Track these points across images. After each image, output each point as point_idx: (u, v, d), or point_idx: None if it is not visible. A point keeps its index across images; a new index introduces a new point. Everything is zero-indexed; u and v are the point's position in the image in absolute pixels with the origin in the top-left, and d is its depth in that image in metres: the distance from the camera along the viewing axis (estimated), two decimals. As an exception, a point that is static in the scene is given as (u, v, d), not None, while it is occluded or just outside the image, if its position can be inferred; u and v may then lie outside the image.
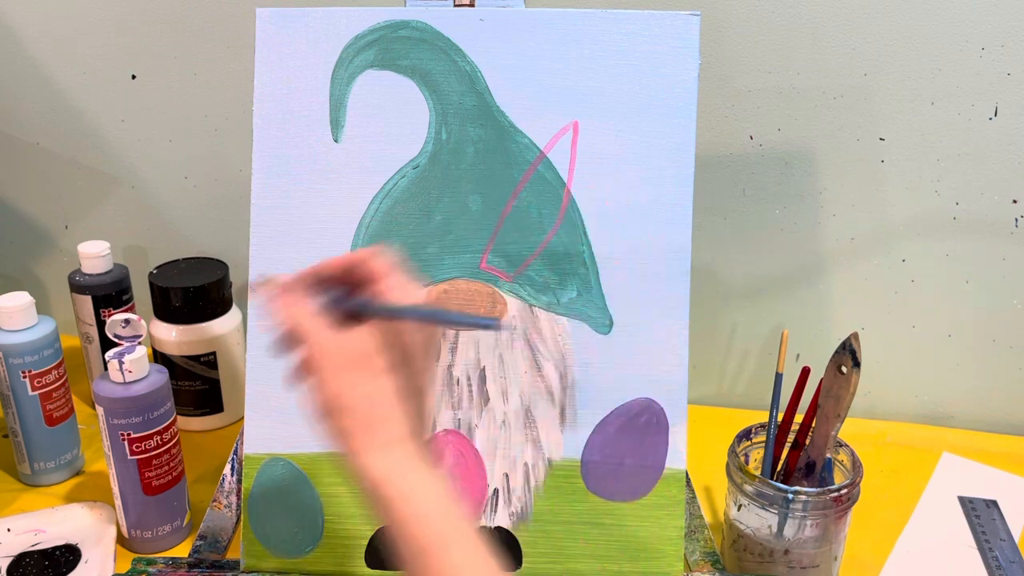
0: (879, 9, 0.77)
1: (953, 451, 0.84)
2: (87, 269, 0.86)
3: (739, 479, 0.64)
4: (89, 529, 0.72)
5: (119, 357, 0.67)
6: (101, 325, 0.86)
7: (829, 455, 0.64)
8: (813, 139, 0.82)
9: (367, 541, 0.64)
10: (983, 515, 0.75)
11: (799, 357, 0.89)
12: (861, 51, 0.79)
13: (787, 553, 0.63)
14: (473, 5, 0.65)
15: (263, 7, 0.65)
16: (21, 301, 0.74)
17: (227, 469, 0.76)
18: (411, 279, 0.49)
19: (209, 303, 0.84)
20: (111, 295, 0.86)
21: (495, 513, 0.64)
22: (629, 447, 0.63)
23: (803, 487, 0.62)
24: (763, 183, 0.85)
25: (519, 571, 0.64)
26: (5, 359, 0.74)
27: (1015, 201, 0.81)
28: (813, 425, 0.65)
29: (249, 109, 0.64)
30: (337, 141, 0.64)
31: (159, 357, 0.85)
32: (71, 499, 0.77)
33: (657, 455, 0.63)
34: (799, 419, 0.66)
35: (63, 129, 0.97)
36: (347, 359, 0.46)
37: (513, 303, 0.64)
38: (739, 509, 0.65)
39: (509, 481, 0.64)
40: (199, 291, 0.83)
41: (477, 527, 0.46)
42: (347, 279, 0.49)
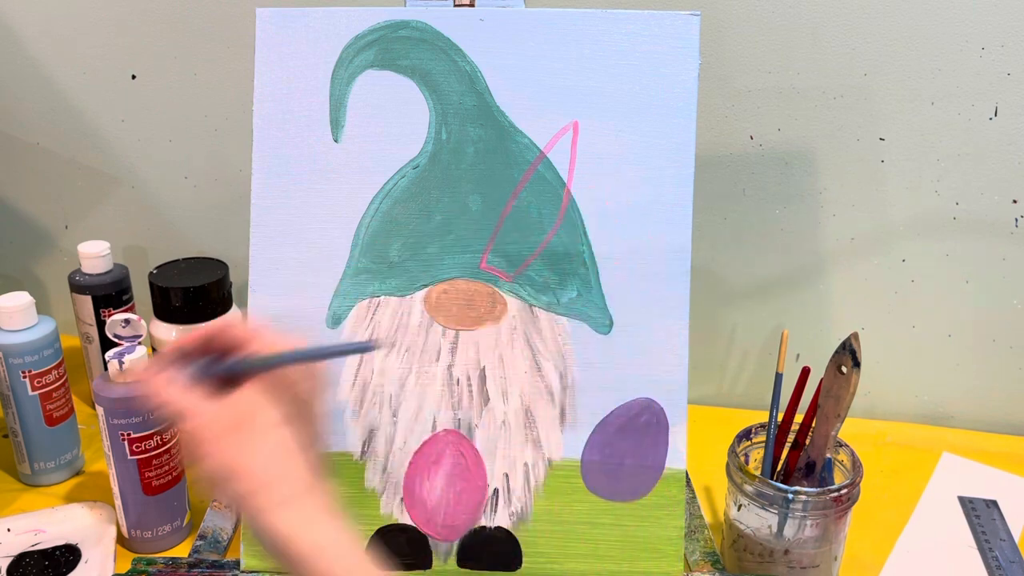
0: (879, 9, 0.77)
1: (953, 451, 0.84)
2: (87, 269, 0.86)
3: (739, 479, 0.64)
4: (89, 529, 0.72)
5: (119, 357, 0.67)
6: (101, 325, 0.86)
7: (829, 455, 0.64)
8: (813, 139, 0.82)
9: (367, 541, 0.64)
10: (983, 515, 0.75)
11: (799, 357, 0.89)
12: (861, 51, 0.79)
13: (787, 553, 0.63)
14: (473, 5, 0.65)
15: (263, 7, 0.65)
16: (21, 301, 0.74)
17: (227, 469, 0.76)
18: (277, 332, 0.48)
19: (209, 303, 0.84)
20: (111, 295, 0.86)
21: (495, 513, 0.64)
22: (629, 447, 0.63)
23: (803, 487, 0.62)
24: (763, 183, 0.85)
25: (519, 571, 0.64)
26: (5, 359, 0.74)
27: (1015, 201, 0.81)
28: (813, 425, 0.65)
29: (249, 109, 0.64)
30: (337, 141, 0.64)
31: (159, 357, 0.85)
32: (71, 499, 0.77)
33: (657, 455, 0.63)
34: (799, 419, 0.66)
35: (63, 129, 0.97)
36: (231, 424, 0.45)
37: (513, 303, 0.64)
38: (739, 509, 0.65)
39: (509, 481, 0.64)
40: (199, 291, 0.83)
41: (387, 572, 0.46)
42: (212, 348, 0.49)
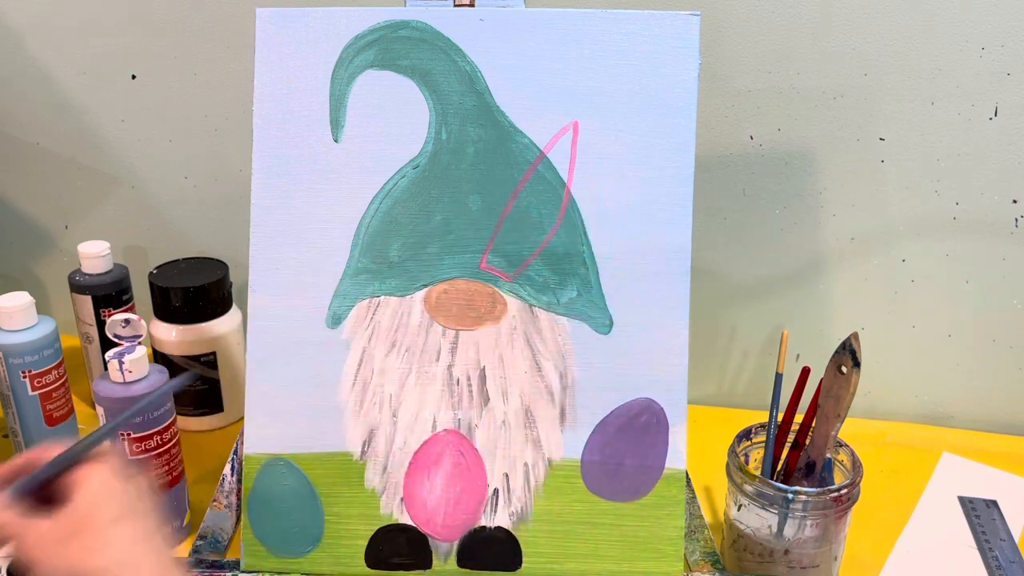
0: (879, 9, 0.77)
1: (953, 451, 0.84)
2: (87, 269, 0.86)
3: (739, 479, 0.64)
4: (89, 529, 0.72)
5: (119, 357, 0.67)
6: (101, 325, 0.86)
7: (829, 455, 0.64)
8: (813, 139, 0.82)
9: (367, 541, 0.64)
10: (983, 515, 0.75)
11: (799, 357, 0.89)
12: (861, 51, 0.79)
13: (787, 553, 0.63)
14: (473, 5, 0.65)
15: (263, 7, 0.65)
16: (21, 301, 0.74)
17: (227, 469, 0.76)
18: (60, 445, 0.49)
19: (209, 303, 0.84)
20: (111, 295, 0.86)
21: (495, 513, 0.64)
22: (629, 447, 0.63)
23: (803, 487, 0.62)
24: (763, 183, 0.85)
25: (519, 571, 0.64)
26: (5, 359, 0.74)
27: (1015, 201, 0.81)
28: (813, 425, 0.65)
29: (249, 109, 0.64)
30: (337, 141, 0.64)
31: (159, 357, 0.85)
32: (71, 499, 0.77)
33: (657, 455, 0.63)
34: (799, 419, 0.66)
35: (63, 129, 0.97)
36: (72, 530, 0.45)
37: (513, 303, 0.64)
38: (739, 509, 0.65)
39: (509, 481, 0.64)
40: (199, 291, 0.83)
41: None
42: (26, 468, 0.48)
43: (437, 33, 0.63)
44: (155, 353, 0.85)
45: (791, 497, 0.61)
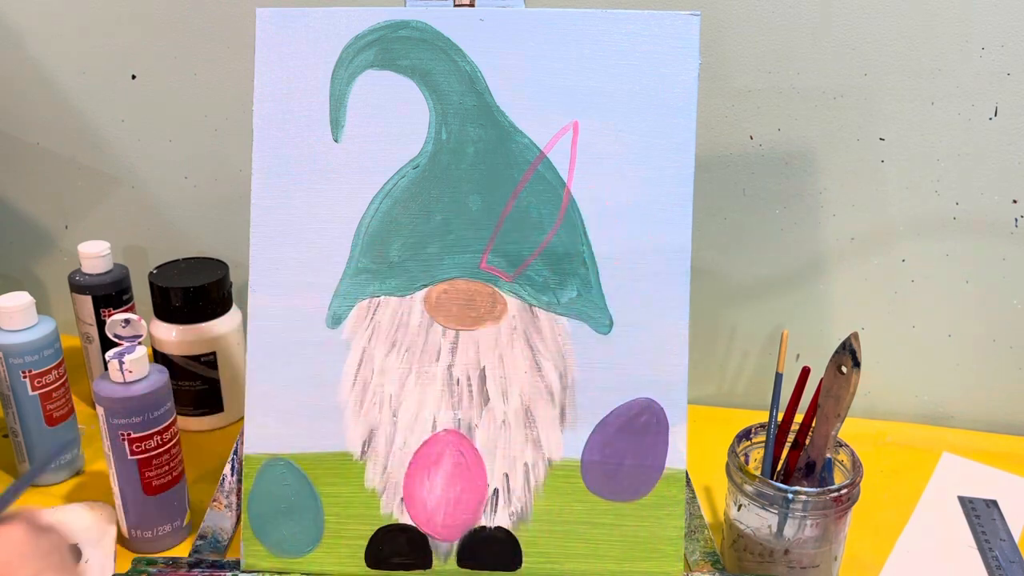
0: (879, 9, 0.77)
1: (953, 451, 0.84)
2: (87, 269, 0.86)
3: (739, 479, 0.64)
4: (89, 529, 0.72)
5: (119, 357, 0.67)
6: (101, 325, 0.86)
7: (829, 455, 0.64)
8: (813, 139, 0.82)
9: (367, 541, 0.64)
10: (983, 515, 0.75)
11: (799, 357, 0.89)
12: (861, 51, 0.79)
13: (787, 553, 0.63)
14: (473, 5, 0.65)
15: (263, 7, 0.65)
16: (21, 301, 0.74)
17: (227, 469, 0.76)
18: None
19: (209, 303, 0.84)
20: (111, 295, 0.86)
21: (495, 513, 0.64)
22: (629, 447, 0.63)
23: (803, 487, 0.62)
24: (763, 183, 0.85)
25: (519, 571, 0.64)
26: (5, 359, 0.74)
27: (1015, 201, 0.81)
28: (813, 425, 0.65)
29: (249, 109, 0.64)
30: (337, 141, 0.64)
31: (159, 357, 0.85)
32: (71, 499, 0.77)
33: (657, 455, 0.63)
34: (799, 419, 0.66)
35: (63, 129, 0.97)
36: None
37: (513, 303, 0.64)
38: (739, 509, 0.65)
39: (509, 481, 0.64)
40: (199, 291, 0.83)
41: None
42: None
43: (437, 33, 0.63)
44: (155, 353, 0.85)
45: (791, 497, 0.61)
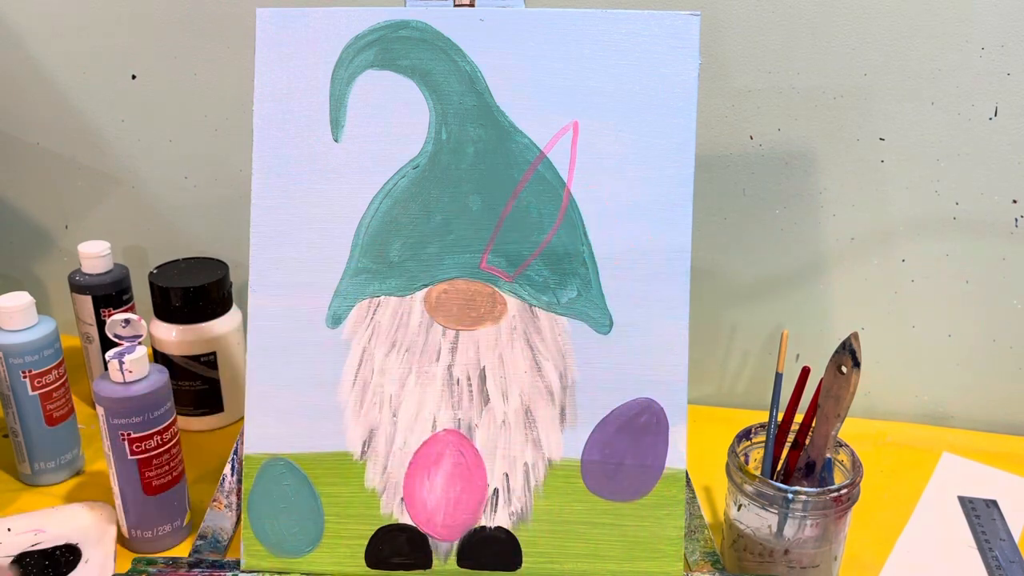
0: (879, 9, 0.77)
1: (953, 451, 0.84)
2: (87, 269, 0.86)
3: (739, 479, 0.64)
4: (89, 529, 0.72)
5: (119, 357, 0.67)
6: (101, 325, 0.86)
7: (829, 455, 0.64)
8: (813, 139, 0.83)
9: (367, 541, 0.64)
10: (983, 515, 0.75)
11: (799, 357, 0.89)
12: (861, 51, 0.79)
13: (787, 553, 0.63)
14: (473, 5, 0.65)
15: (263, 7, 0.65)
16: (21, 301, 0.74)
17: (227, 469, 0.76)
18: None
19: (209, 303, 0.84)
20: (111, 295, 0.86)
21: (495, 513, 0.64)
22: (629, 447, 0.63)
23: (803, 487, 0.62)
24: (763, 183, 0.85)
25: (519, 571, 0.64)
26: (5, 359, 0.74)
27: (1015, 201, 0.81)
28: (813, 425, 0.65)
29: (249, 109, 0.64)
30: (337, 141, 0.64)
31: (159, 357, 0.85)
32: (71, 499, 0.77)
33: (657, 455, 0.63)
34: (799, 419, 0.66)
35: (63, 129, 0.97)
36: None
37: (513, 303, 0.64)
38: (739, 509, 0.65)
39: (509, 481, 0.64)
40: (199, 291, 0.83)
41: None
42: None
43: (437, 33, 0.63)
44: (155, 353, 0.85)
45: (791, 497, 0.61)
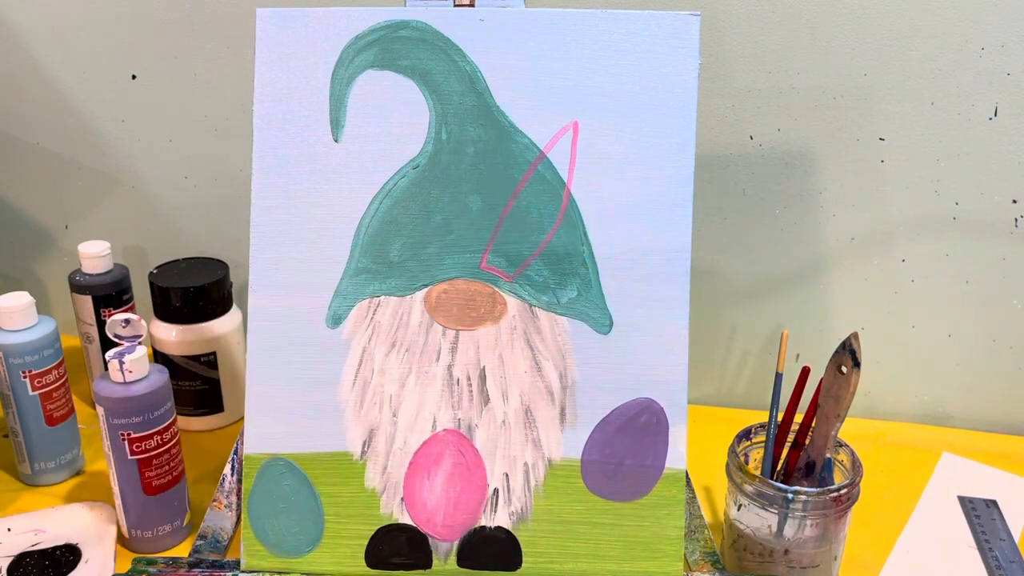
0: (879, 9, 0.77)
1: (953, 451, 0.84)
2: (87, 269, 0.86)
3: (739, 479, 0.64)
4: (89, 529, 0.72)
5: (119, 357, 0.67)
6: (101, 325, 0.86)
7: (829, 455, 0.64)
8: (813, 139, 0.83)
9: (367, 541, 0.64)
10: (983, 515, 0.75)
11: (799, 357, 0.89)
12: (861, 51, 0.79)
13: (787, 553, 0.63)
14: (473, 5, 0.65)
15: (263, 7, 0.65)
16: (21, 301, 0.74)
17: (227, 469, 0.76)
18: None
19: (209, 303, 0.84)
20: (111, 295, 0.86)
21: (495, 513, 0.64)
22: (629, 447, 0.63)
23: (803, 487, 0.62)
24: (763, 183, 0.85)
25: (519, 571, 0.64)
26: (5, 359, 0.74)
27: (1015, 201, 0.81)
28: (813, 425, 0.65)
29: (249, 109, 0.64)
30: (337, 141, 0.64)
31: (159, 357, 0.85)
32: (71, 499, 0.77)
33: (657, 455, 0.63)
34: (799, 419, 0.66)
35: (63, 129, 0.97)
36: None
37: (513, 303, 0.64)
38: (739, 509, 0.65)
39: (509, 481, 0.64)
40: (199, 291, 0.83)
41: None
42: None
43: (437, 33, 0.63)
44: (155, 353, 0.85)
45: (791, 497, 0.61)
